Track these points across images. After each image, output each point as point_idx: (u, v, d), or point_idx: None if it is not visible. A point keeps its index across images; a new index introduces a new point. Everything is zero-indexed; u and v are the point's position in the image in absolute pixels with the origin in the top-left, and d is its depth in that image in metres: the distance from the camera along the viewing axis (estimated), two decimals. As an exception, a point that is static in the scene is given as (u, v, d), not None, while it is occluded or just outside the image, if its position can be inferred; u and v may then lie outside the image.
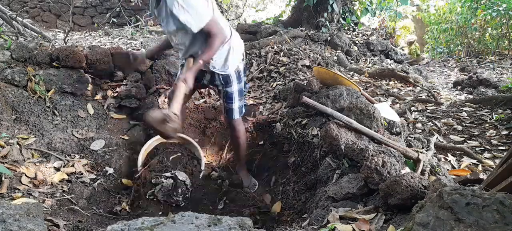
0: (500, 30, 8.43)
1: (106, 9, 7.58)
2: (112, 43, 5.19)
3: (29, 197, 2.04)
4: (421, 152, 2.16)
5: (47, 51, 3.00)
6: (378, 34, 6.92)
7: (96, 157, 2.69)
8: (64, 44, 3.70)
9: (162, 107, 3.23)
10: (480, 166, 2.37)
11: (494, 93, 4.22)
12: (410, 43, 9.50)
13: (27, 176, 2.21)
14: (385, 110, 2.71)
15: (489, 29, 8.69)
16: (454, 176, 2.13)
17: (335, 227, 1.47)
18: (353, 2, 6.84)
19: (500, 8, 7.55)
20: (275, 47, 4.80)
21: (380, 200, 1.66)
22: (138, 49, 4.32)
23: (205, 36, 2.17)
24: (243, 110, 2.70)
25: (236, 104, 2.55)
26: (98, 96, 3.12)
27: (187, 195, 2.52)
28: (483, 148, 2.65)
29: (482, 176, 2.05)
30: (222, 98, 2.57)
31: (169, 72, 3.49)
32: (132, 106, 3.19)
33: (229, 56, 2.38)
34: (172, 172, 2.54)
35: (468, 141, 2.80)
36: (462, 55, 8.92)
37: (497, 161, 2.26)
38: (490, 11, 7.70)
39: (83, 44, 3.84)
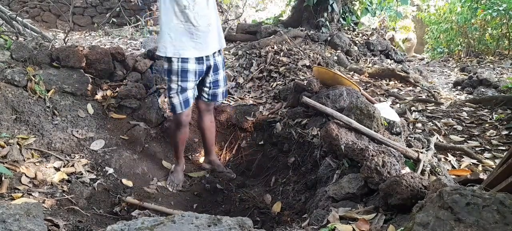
0: (500, 30, 8.41)
1: (106, 9, 7.56)
2: (112, 43, 5.20)
3: (29, 197, 2.04)
4: (421, 152, 2.16)
5: (47, 51, 3.00)
6: (378, 34, 6.91)
7: (96, 157, 2.68)
8: (64, 44, 3.69)
9: (162, 107, 3.22)
10: (480, 166, 2.36)
11: (494, 93, 4.21)
12: (404, 40, 9.45)
13: (27, 176, 2.20)
14: (385, 110, 2.70)
15: (489, 29, 8.66)
16: (454, 176, 2.12)
17: (335, 227, 1.47)
18: (353, 2, 6.83)
19: (500, 8, 7.53)
20: (275, 47, 4.79)
21: (380, 200, 1.66)
22: (138, 49, 4.31)
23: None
24: None
25: (224, 88, 2.73)
26: (98, 96, 3.12)
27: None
28: (483, 148, 2.64)
29: (482, 176, 2.05)
30: (210, 85, 2.63)
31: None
32: (132, 106, 3.18)
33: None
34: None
35: (468, 141, 2.79)
36: (462, 55, 8.90)
37: (497, 161, 2.26)
38: (490, 11, 7.67)
39: (83, 44, 3.84)
